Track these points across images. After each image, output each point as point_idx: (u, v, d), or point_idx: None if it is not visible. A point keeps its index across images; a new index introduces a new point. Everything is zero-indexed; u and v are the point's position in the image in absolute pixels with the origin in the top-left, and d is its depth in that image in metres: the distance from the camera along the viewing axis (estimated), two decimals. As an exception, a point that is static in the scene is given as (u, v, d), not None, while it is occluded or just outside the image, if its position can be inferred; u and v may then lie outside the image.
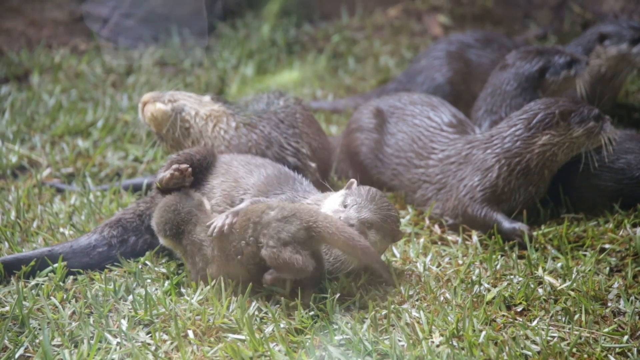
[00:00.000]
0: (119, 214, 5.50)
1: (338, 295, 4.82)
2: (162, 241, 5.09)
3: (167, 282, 5.02)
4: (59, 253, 5.22)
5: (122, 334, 4.55)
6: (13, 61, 8.47)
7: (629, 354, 4.43)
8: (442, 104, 6.18)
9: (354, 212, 4.88)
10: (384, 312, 4.72)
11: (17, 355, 4.37)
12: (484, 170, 5.77)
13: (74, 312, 4.80)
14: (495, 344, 4.46)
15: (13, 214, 5.86)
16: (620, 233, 5.55)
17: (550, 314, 4.74)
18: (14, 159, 6.63)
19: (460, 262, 5.33)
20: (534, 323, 4.66)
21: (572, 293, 4.88)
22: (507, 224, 5.58)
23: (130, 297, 4.90)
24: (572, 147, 5.73)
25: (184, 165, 5.10)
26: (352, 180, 5.06)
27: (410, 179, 6.03)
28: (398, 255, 5.40)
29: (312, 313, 4.70)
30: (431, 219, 5.87)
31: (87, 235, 5.35)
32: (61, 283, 5.07)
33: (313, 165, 5.78)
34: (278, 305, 4.79)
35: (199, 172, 5.33)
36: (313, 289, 4.83)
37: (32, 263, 5.14)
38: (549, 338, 4.51)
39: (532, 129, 5.73)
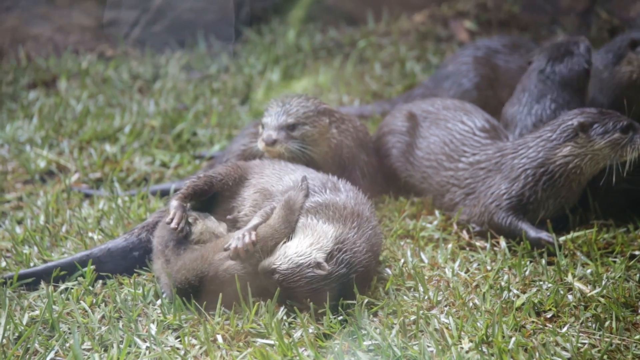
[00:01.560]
0: (156, 216, 5.50)
1: (366, 300, 4.82)
2: None
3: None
4: (98, 256, 5.24)
5: (152, 338, 4.56)
6: (41, 67, 8.53)
7: (661, 361, 4.41)
8: (476, 110, 6.17)
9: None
10: (413, 317, 4.71)
11: (47, 359, 4.38)
12: (511, 179, 5.74)
13: (103, 317, 4.82)
14: (525, 350, 4.44)
15: (42, 219, 5.89)
16: (651, 240, 5.53)
17: (581, 321, 4.71)
18: (42, 164, 6.67)
19: (488, 267, 5.31)
20: (564, 329, 4.63)
21: (602, 300, 4.85)
22: (532, 233, 5.55)
23: (159, 302, 4.92)
24: (597, 159, 5.66)
25: (173, 225, 5.07)
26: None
27: (439, 182, 6.02)
28: (426, 260, 5.39)
29: (340, 318, 4.69)
30: (459, 224, 5.84)
31: (124, 237, 5.36)
32: (90, 287, 5.10)
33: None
34: (306, 311, 4.78)
35: (225, 189, 5.36)
36: None
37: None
38: (579, 345, 4.48)
39: (554, 140, 5.70)
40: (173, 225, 5.03)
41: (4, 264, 5.32)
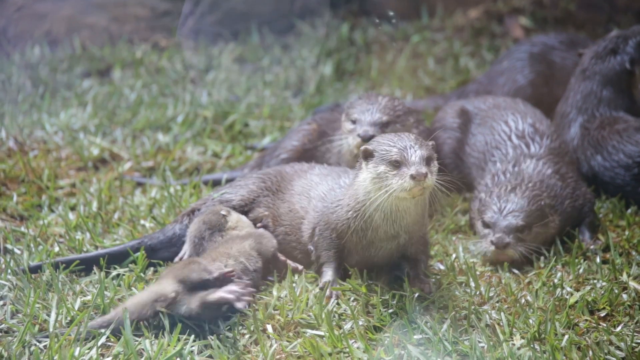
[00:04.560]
0: (192, 205, 5.52)
1: (417, 294, 4.79)
2: None
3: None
4: (149, 245, 5.28)
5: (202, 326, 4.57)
6: (95, 56, 8.58)
7: None
8: (528, 110, 6.11)
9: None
10: (464, 312, 4.68)
11: (99, 343, 4.40)
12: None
13: (154, 303, 4.83)
14: (579, 348, 4.39)
15: (95, 205, 5.93)
16: None
17: (635, 320, 4.64)
18: (95, 151, 6.71)
19: (541, 265, 5.25)
20: (618, 329, 4.57)
21: (658, 300, 4.80)
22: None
23: (210, 290, 4.92)
24: None
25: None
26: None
27: (477, 181, 6.01)
28: (479, 257, 5.36)
29: (391, 311, 4.67)
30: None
31: (170, 225, 5.40)
32: (142, 274, 5.11)
33: None
34: (356, 303, 4.77)
35: (249, 203, 5.39)
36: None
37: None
38: (634, 344, 4.42)
39: None
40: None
41: (57, 249, 5.36)
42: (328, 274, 4.97)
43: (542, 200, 5.41)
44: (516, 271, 5.17)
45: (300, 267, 5.09)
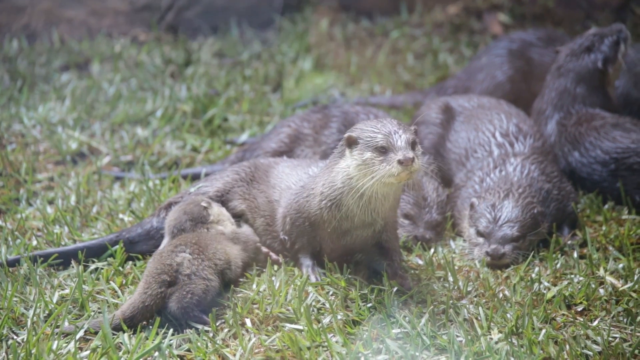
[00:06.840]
0: (169, 199, 5.51)
1: (396, 288, 4.80)
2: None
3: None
4: (127, 238, 5.27)
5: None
6: (74, 49, 8.55)
7: (692, 357, 4.37)
8: (511, 111, 6.13)
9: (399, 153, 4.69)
10: (442, 307, 4.69)
11: (77, 337, 4.39)
12: None
13: (132, 297, 4.82)
14: (556, 342, 4.41)
15: (73, 199, 5.91)
16: (685, 235, 5.48)
17: (612, 315, 4.68)
18: (74, 145, 6.69)
19: (519, 259, 5.28)
20: (595, 323, 4.60)
21: (634, 294, 4.82)
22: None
23: (189, 284, 4.91)
24: None
25: None
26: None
27: (457, 176, 6.03)
28: (457, 251, 5.38)
29: (369, 305, 4.68)
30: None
31: (148, 219, 5.39)
32: (120, 268, 5.10)
33: None
34: (335, 297, 4.78)
35: (225, 194, 5.39)
36: None
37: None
38: (610, 339, 4.45)
39: None
40: None
41: (35, 242, 5.34)
42: (306, 261, 5.00)
43: (535, 208, 5.42)
44: (494, 266, 5.21)
45: (280, 259, 5.10)
